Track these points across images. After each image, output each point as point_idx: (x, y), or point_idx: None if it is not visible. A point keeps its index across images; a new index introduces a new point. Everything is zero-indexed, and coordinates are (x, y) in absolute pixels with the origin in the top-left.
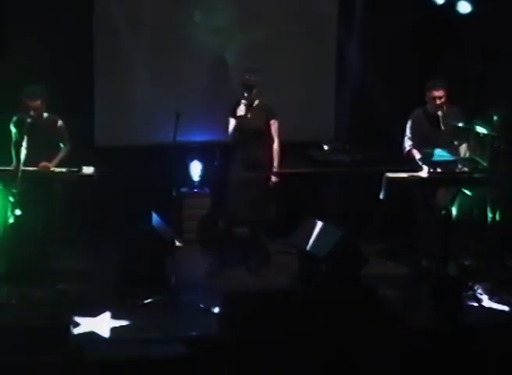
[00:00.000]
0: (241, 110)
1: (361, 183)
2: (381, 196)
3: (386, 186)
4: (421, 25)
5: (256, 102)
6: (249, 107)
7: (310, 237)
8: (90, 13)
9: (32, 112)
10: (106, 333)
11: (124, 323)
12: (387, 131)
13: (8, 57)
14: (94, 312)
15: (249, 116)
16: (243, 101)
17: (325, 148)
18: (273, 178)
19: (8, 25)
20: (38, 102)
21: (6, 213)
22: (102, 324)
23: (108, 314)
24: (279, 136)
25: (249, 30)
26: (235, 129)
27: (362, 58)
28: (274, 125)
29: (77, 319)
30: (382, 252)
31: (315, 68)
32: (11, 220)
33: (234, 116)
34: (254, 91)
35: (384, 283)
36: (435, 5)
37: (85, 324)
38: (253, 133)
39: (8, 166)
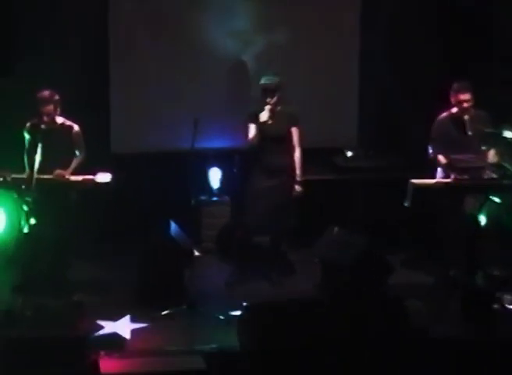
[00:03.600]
0: (264, 116)
1: (386, 191)
2: (406, 203)
3: (411, 193)
4: (446, 29)
5: (278, 108)
6: (272, 113)
7: (333, 245)
8: (105, 19)
9: (45, 118)
10: (123, 345)
11: (141, 334)
12: (411, 137)
13: (22, 63)
14: (112, 324)
15: (270, 122)
16: (266, 106)
17: (349, 154)
18: (297, 188)
19: (21, 31)
20: (51, 107)
21: (20, 222)
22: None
23: (125, 325)
24: (301, 145)
25: (268, 33)
26: (256, 135)
27: (386, 63)
28: (296, 133)
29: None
30: (407, 262)
31: (338, 73)
32: (25, 230)
33: (255, 121)
34: (276, 95)
35: (409, 293)
36: (459, 9)
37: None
38: (275, 140)
39: (22, 173)
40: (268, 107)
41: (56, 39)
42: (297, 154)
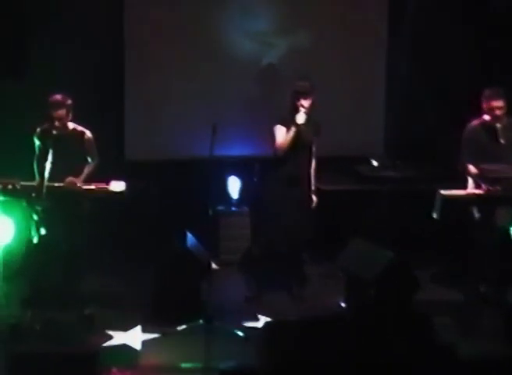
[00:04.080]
0: (301, 117)
1: (413, 202)
2: (434, 215)
3: (440, 204)
4: (479, 32)
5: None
6: (308, 117)
7: (357, 259)
8: (120, 20)
9: (57, 123)
10: (135, 359)
11: (155, 350)
12: (441, 145)
13: (33, 65)
14: (125, 339)
15: (304, 126)
16: (301, 108)
17: (374, 163)
18: (314, 197)
19: (34, 32)
20: (63, 112)
21: (30, 232)
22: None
23: (139, 340)
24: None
25: (291, 34)
26: (287, 140)
27: (414, 67)
28: (316, 142)
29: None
30: (435, 276)
31: (364, 78)
32: (35, 240)
33: (287, 125)
34: (311, 99)
35: (437, 310)
36: (488, 14)
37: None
38: (303, 147)
39: (32, 181)
40: (303, 110)
41: (70, 42)
42: (314, 165)
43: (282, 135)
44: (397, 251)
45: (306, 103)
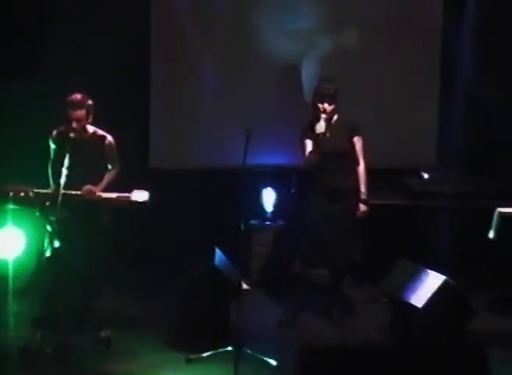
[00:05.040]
0: (320, 127)
1: (468, 220)
2: (491, 235)
3: (498, 223)
4: None
5: (335, 118)
6: (329, 123)
7: (404, 283)
8: (147, 18)
9: (74, 124)
10: None
11: None
12: (500, 159)
13: (50, 67)
14: (144, 365)
15: (328, 135)
16: (322, 115)
17: (425, 176)
18: (361, 207)
19: (52, 25)
20: (82, 112)
21: (42, 245)
22: None
23: (160, 367)
24: (365, 156)
25: (334, 33)
26: (314, 152)
27: (474, 68)
28: (358, 143)
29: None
30: (493, 303)
31: (415, 82)
32: (48, 253)
33: (311, 135)
34: (334, 103)
35: (495, 341)
36: None
37: None
38: (334, 156)
39: (46, 189)
40: (324, 116)
41: (92, 38)
42: (361, 168)
43: (308, 146)
44: (449, 275)
45: (329, 107)
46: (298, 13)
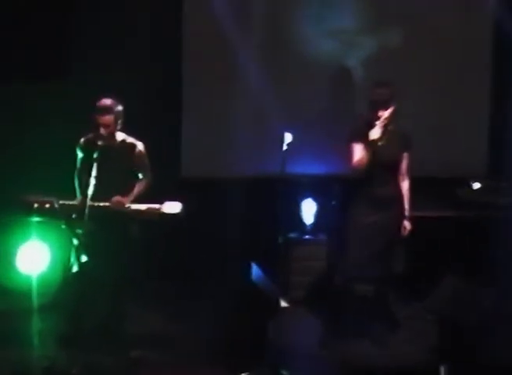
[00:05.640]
0: (375, 133)
1: None
2: None
3: None
4: None
5: (390, 127)
6: (384, 130)
7: (453, 299)
8: (178, 19)
9: (103, 130)
10: None
11: None
12: None
13: (81, 72)
14: None
15: (382, 142)
16: (377, 122)
17: (475, 186)
18: (406, 224)
19: (84, 28)
20: (111, 118)
21: (69, 260)
22: None
23: None
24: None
25: (379, 33)
26: (364, 158)
27: None
28: (407, 158)
29: None
30: None
31: (465, 86)
32: (74, 268)
33: (362, 140)
34: (390, 109)
35: None
36: None
37: None
38: (386, 166)
39: (73, 200)
40: (379, 123)
41: (121, 45)
42: (406, 184)
43: (358, 153)
44: (503, 291)
45: (384, 114)
46: (340, 12)
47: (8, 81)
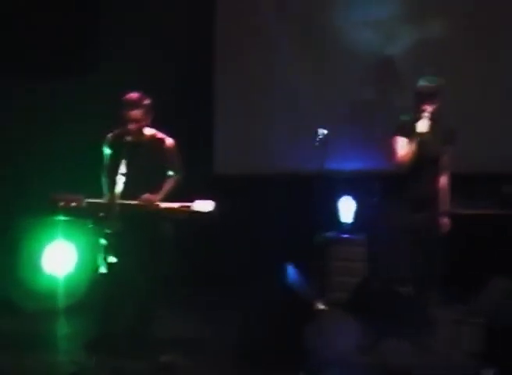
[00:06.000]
0: (423, 125)
1: None
2: None
3: None
4: None
5: (435, 121)
6: (432, 123)
7: (501, 302)
8: (210, 13)
9: (131, 125)
10: None
11: None
12: None
13: (108, 67)
14: None
15: (426, 137)
16: (424, 114)
17: None
18: (447, 222)
19: (112, 24)
20: (139, 112)
21: (97, 260)
22: None
23: None
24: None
25: (420, 23)
26: (410, 153)
27: None
28: (450, 153)
29: None
30: None
31: (510, 78)
32: (102, 269)
33: (407, 134)
34: (436, 103)
35: None
36: None
37: None
38: (430, 161)
39: (100, 198)
40: (426, 115)
41: (152, 38)
42: (446, 180)
43: (402, 147)
44: None
45: (430, 107)
46: (379, 1)
47: (32, 79)
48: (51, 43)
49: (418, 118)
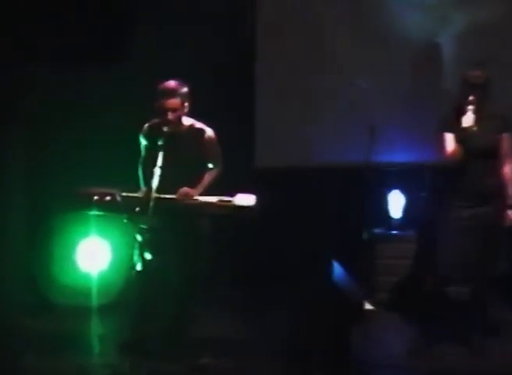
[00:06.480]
0: (467, 120)
1: None
2: None
3: None
4: None
5: (483, 111)
6: (477, 115)
7: None
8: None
9: (169, 115)
10: None
11: None
12: None
13: (145, 54)
14: None
15: (475, 128)
16: (469, 107)
17: None
18: (510, 214)
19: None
20: (176, 101)
21: (132, 258)
22: None
23: None
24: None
25: (474, 6)
26: (457, 148)
27: None
28: (507, 141)
29: None
30: None
31: None
32: (138, 267)
33: (453, 129)
34: (484, 93)
35: None
36: None
37: None
38: (482, 153)
39: (136, 192)
40: (471, 108)
41: (190, 24)
42: (508, 169)
43: (450, 143)
44: None
45: (476, 99)
46: None
47: (66, 66)
48: (84, 29)
49: (463, 111)
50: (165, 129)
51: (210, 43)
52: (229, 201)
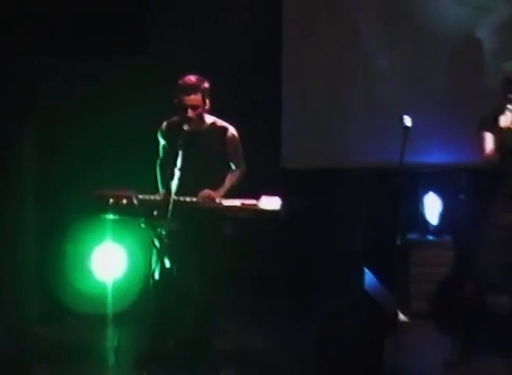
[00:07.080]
0: (507, 119)
1: None
2: None
3: None
4: None
5: None
6: None
7: None
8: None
9: (189, 112)
10: None
11: None
12: None
13: (164, 48)
14: None
15: None
16: (508, 106)
17: None
18: None
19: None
20: (197, 97)
21: (150, 264)
22: None
23: None
24: None
25: None
26: (496, 149)
27: None
28: None
29: None
30: None
31: None
32: (156, 275)
33: (492, 128)
34: None
35: None
36: None
37: None
38: None
39: (154, 194)
40: (510, 107)
41: (216, 23)
42: None
43: (489, 143)
44: None
45: None
46: None
47: (80, 63)
48: (98, 21)
49: (502, 109)
50: (185, 127)
51: (233, 35)
52: (254, 204)
